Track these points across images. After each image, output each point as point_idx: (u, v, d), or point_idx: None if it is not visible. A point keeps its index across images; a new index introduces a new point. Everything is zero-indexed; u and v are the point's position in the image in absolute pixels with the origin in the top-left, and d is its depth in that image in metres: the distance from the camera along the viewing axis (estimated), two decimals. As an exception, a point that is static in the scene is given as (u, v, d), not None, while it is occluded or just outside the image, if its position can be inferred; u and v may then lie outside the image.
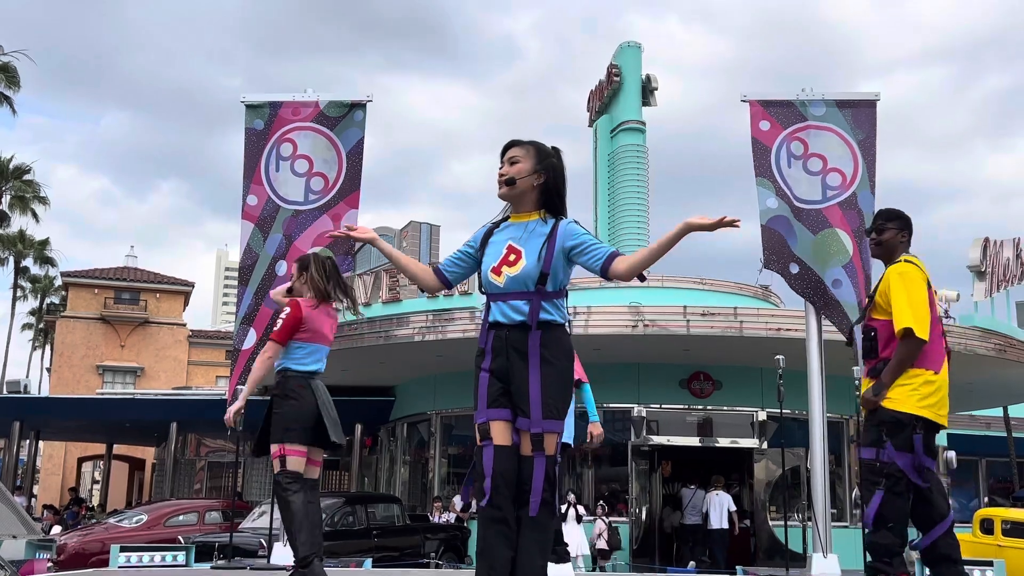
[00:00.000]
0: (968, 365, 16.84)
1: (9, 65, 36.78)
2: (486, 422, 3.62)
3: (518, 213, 3.78)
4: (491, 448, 3.58)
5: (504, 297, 3.67)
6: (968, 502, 26.39)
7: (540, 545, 3.56)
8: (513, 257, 3.68)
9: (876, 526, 4.54)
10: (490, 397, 3.64)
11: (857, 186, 8.05)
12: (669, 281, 20.31)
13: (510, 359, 3.62)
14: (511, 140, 3.82)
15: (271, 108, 8.60)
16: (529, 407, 3.56)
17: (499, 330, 3.66)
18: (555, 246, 3.65)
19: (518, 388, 3.60)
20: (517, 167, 3.72)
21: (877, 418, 4.66)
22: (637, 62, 26.63)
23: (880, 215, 4.97)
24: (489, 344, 3.68)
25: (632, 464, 17.68)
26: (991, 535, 15.70)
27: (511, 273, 3.66)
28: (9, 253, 47.24)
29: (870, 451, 4.66)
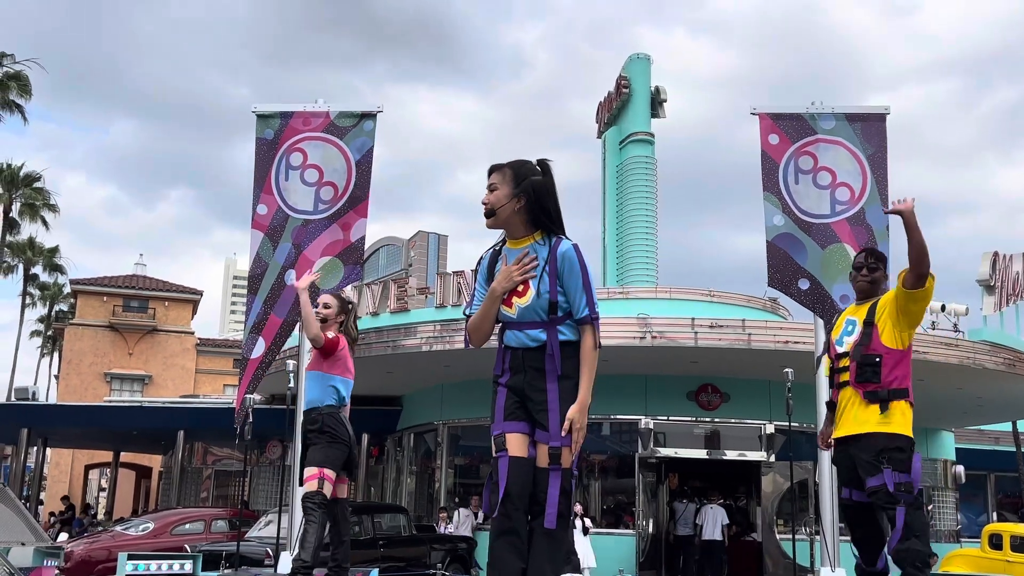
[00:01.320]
0: (977, 380, 16.78)
1: (21, 74, 36.97)
2: (502, 434, 3.63)
3: (514, 239, 3.73)
4: (506, 459, 3.59)
5: (519, 326, 3.68)
6: (977, 517, 26.26)
7: (553, 557, 3.56)
8: (521, 287, 3.65)
9: (905, 537, 4.65)
10: (507, 410, 3.66)
11: (866, 201, 8.04)
12: (677, 293, 20.29)
13: (527, 375, 3.64)
14: (492, 165, 3.76)
15: (282, 118, 8.64)
16: (548, 421, 3.57)
17: (515, 350, 3.68)
18: (555, 275, 3.62)
19: (536, 402, 3.61)
20: (495, 195, 3.66)
21: (876, 445, 4.77)
22: (646, 74, 26.65)
23: (872, 255, 5.17)
24: (507, 363, 3.70)
25: (639, 476, 17.63)
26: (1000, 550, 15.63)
27: (522, 304, 3.66)
28: (19, 260, 47.44)
29: (877, 479, 4.76)
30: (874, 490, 4.75)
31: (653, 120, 26.60)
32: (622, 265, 25.51)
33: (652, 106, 26.53)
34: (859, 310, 5.07)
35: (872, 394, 4.84)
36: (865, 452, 4.80)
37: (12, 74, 36.72)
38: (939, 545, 20.11)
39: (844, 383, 4.98)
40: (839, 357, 5.06)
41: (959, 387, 17.28)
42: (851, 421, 4.90)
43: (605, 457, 18.35)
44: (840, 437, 4.95)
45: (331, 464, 6.04)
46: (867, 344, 4.90)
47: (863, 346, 4.91)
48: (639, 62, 26.93)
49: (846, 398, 4.97)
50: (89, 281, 46.34)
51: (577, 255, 3.65)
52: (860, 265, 5.13)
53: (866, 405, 4.85)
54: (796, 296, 8.02)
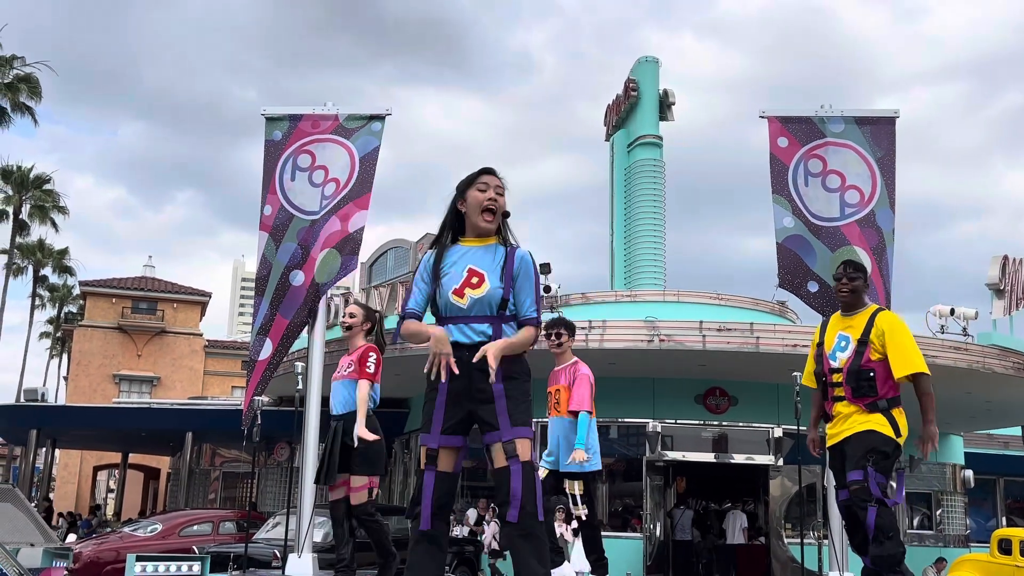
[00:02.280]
0: (986, 384, 16.72)
1: (31, 76, 37.14)
2: (436, 449, 3.64)
3: (476, 238, 3.82)
4: (433, 474, 3.62)
5: (467, 320, 3.69)
6: (986, 522, 26.15)
7: (537, 553, 3.53)
8: (476, 280, 3.71)
9: (877, 539, 4.90)
10: (445, 422, 3.65)
11: (875, 203, 8.02)
12: (685, 296, 20.27)
13: (472, 378, 3.61)
14: (492, 168, 3.86)
15: (290, 120, 8.65)
16: (497, 420, 3.59)
17: (459, 351, 3.63)
18: (512, 273, 3.72)
19: (482, 403, 3.62)
20: (503, 200, 3.80)
21: (868, 443, 5.02)
22: (654, 77, 26.63)
23: (851, 265, 5.41)
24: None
25: (646, 479, 17.61)
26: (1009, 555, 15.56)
27: (475, 295, 3.69)
28: (28, 262, 47.60)
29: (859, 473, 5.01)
30: (854, 483, 5.01)
31: (661, 123, 26.56)
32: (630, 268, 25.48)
33: (660, 109, 26.50)
34: (849, 325, 5.30)
35: (872, 405, 5.11)
36: (856, 447, 5.06)
37: (22, 76, 36.89)
38: (948, 550, 20.04)
39: (839, 397, 5.23)
40: (832, 371, 5.29)
41: (968, 391, 17.22)
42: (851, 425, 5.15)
43: (613, 460, 18.32)
44: (836, 443, 5.23)
45: (378, 471, 6.20)
46: (860, 362, 5.18)
47: (857, 364, 5.18)
48: (647, 65, 26.91)
49: (844, 410, 5.21)
50: (98, 283, 46.47)
51: (533, 262, 3.82)
52: (840, 276, 5.38)
53: (868, 414, 5.13)
54: (806, 298, 8.01)
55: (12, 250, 41.06)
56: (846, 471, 5.10)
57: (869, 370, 5.14)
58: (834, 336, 5.36)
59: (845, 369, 5.20)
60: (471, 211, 3.79)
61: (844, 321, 5.37)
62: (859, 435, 5.09)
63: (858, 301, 5.38)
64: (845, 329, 5.31)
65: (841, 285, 5.37)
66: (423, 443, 3.69)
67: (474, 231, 3.82)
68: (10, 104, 36.62)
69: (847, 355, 5.22)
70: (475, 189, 3.79)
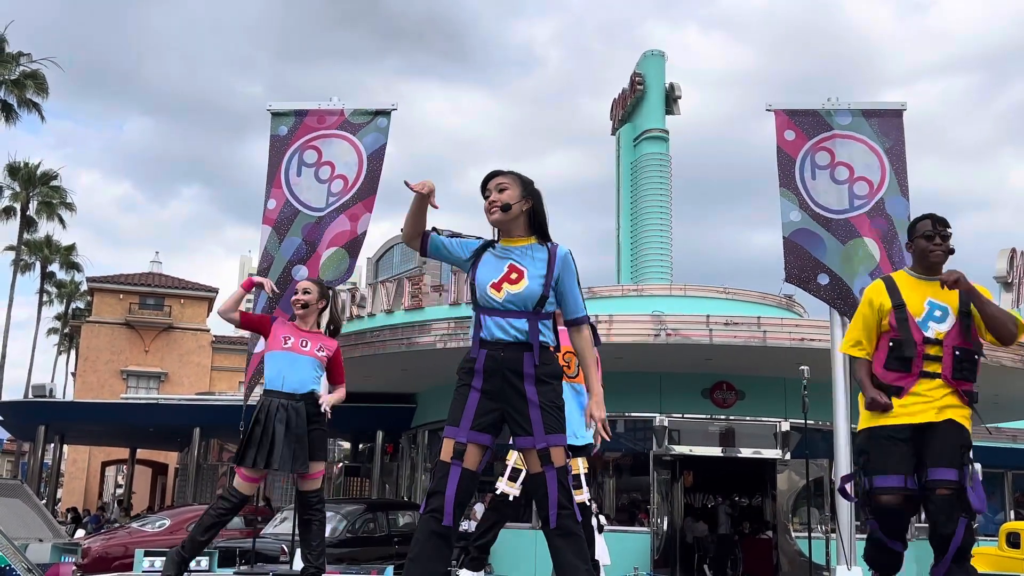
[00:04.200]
0: (994, 377, 16.66)
1: (38, 72, 37.20)
2: (465, 443, 3.63)
3: (511, 238, 3.85)
4: (459, 470, 3.60)
5: (503, 314, 3.70)
6: (994, 516, 26.10)
7: (577, 551, 3.55)
8: (515, 276, 3.73)
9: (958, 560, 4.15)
10: (476, 418, 3.65)
11: (885, 192, 7.98)
12: (692, 290, 20.25)
13: (506, 379, 3.64)
14: (493, 171, 3.90)
15: (296, 116, 8.64)
16: (530, 425, 3.61)
17: (493, 349, 3.67)
18: (554, 271, 3.76)
19: (516, 408, 3.64)
20: (508, 193, 3.81)
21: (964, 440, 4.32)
22: (660, 71, 26.60)
23: (941, 220, 4.60)
24: (481, 363, 3.68)
25: (654, 474, 17.60)
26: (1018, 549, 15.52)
27: (512, 290, 3.71)
28: (36, 258, 47.71)
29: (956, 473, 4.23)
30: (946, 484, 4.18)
31: (667, 117, 26.56)
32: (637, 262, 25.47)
33: (666, 103, 26.49)
34: (938, 290, 4.48)
35: (969, 394, 4.39)
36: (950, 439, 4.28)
37: (29, 73, 36.95)
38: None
39: (932, 374, 4.37)
40: (928, 342, 4.40)
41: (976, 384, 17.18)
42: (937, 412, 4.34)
43: (619, 455, 18.32)
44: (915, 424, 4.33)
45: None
46: (968, 338, 4.41)
47: (965, 340, 4.41)
48: (653, 59, 26.87)
49: (933, 389, 4.36)
50: (105, 279, 46.59)
51: (573, 259, 3.85)
52: (931, 234, 4.52)
53: (961, 405, 4.38)
54: (815, 291, 7.96)
55: (20, 246, 41.15)
56: (927, 464, 4.24)
57: (976, 351, 4.43)
58: (922, 301, 4.46)
59: (948, 344, 4.38)
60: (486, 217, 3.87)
61: (930, 286, 4.49)
62: (957, 427, 4.30)
63: (943, 265, 4.57)
64: (935, 296, 4.46)
65: (934, 245, 4.51)
66: (450, 436, 3.65)
67: (502, 233, 3.88)
68: (16, 100, 36.69)
69: (946, 327, 4.39)
70: (484, 198, 3.87)
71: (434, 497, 3.59)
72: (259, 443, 5.51)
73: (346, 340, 18.21)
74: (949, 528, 4.11)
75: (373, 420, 22.79)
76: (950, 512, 4.13)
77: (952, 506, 4.13)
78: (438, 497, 3.57)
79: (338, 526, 13.88)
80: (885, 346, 4.50)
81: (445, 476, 3.59)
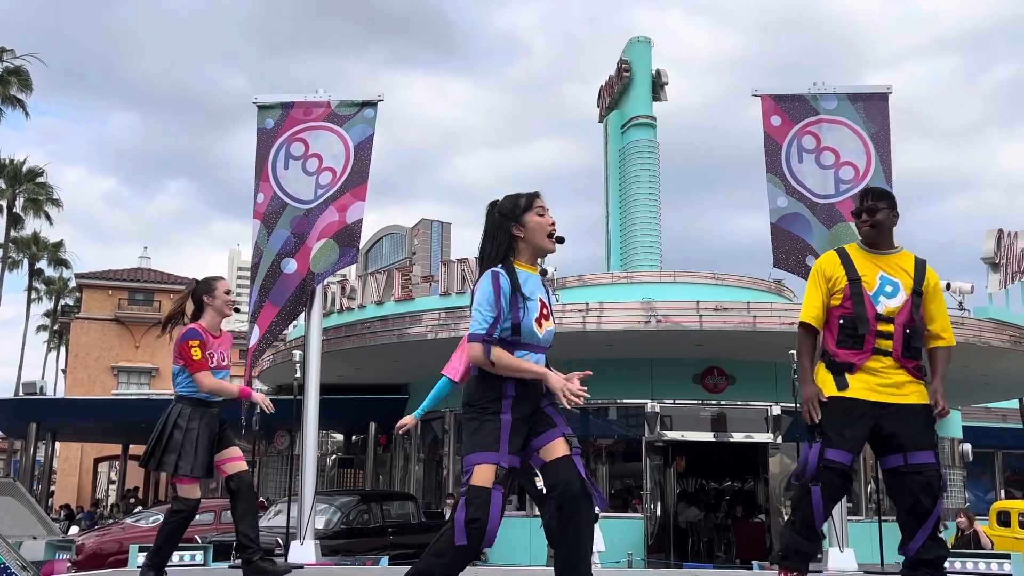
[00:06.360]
0: (983, 357, 16.76)
1: (21, 68, 36.97)
2: (507, 468, 3.64)
3: (525, 264, 3.86)
4: (501, 495, 3.60)
5: (537, 349, 3.79)
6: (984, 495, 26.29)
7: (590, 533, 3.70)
8: (546, 312, 3.85)
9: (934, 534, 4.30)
10: (511, 444, 3.66)
11: (870, 179, 8.01)
12: (682, 276, 20.28)
13: (532, 403, 3.76)
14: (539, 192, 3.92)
15: (283, 108, 8.63)
16: (553, 420, 3.77)
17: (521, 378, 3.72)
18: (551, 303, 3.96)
19: (536, 417, 3.76)
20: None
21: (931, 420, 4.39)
22: (647, 57, 26.58)
23: (870, 194, 4.59)
24: (514, 391, 3.70)
25: (646, 460, 17.66)
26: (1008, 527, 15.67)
27: (548, 328, 3.85)
28: (23, 255, 47.51)
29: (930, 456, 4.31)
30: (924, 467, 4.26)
31: (654, 103, 26.54)
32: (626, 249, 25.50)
33: (653, 89, 26.48)
34: (892, 267, 4.45)
35: (920, 370, 4.39)
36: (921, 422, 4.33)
37: (12, 69, 36.72)
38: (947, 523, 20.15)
39: (884, 351, 4.35)
40: (880, 319, 4.36)
41: (965, 365, 17.26)
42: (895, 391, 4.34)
43: (612, 441, 18.37)
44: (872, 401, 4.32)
45: None
46: (916, 316, 4.40)
47: (913, 318, 4.39)
48: (639, 45, 26.85)
49: (886, 368, 4.35)
50: (94, 275, 46.41)
51: None
52: (858, 211, 4.57)
53: (917, 382, 4.39)
54: (804, 275, 7.99)
55: (7, 244, 40.96)
56: (906, 448, 4.27)
57: (923, 329, 4.43)
58: (875, 276, 4.43)
59: (900, 322, 4.34)
60: (534, 236, 3.80)
61: (880, 260, 4.47)
62: (927, 409, 4.34)
63: (888, 238, 4.54)
64: (888, 271, 4.43)
65: (861, 222, 4.54)
66: (490, 461, 3.60)
67: (531, 257, 3.87)
68: (1, 97, 36.47)
69: (898, 303, 4.35)
70: (534, 213, 3.82)
71: (475, 524, 3.52)
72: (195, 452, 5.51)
73: (337, 332, 18.18)
74: (931, 506, 4.22)
75: (366, 412, 22.79)
76: (932, 492, 4.23)
77: (933, 486, 4.24)
78: (480, 525, 3.52)
79: (332, 518, 13.89)
80: (836, 322, 4.47)
81: (487, 502, 3.54)
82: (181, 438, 5.46)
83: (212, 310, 5.74)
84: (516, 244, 3.81)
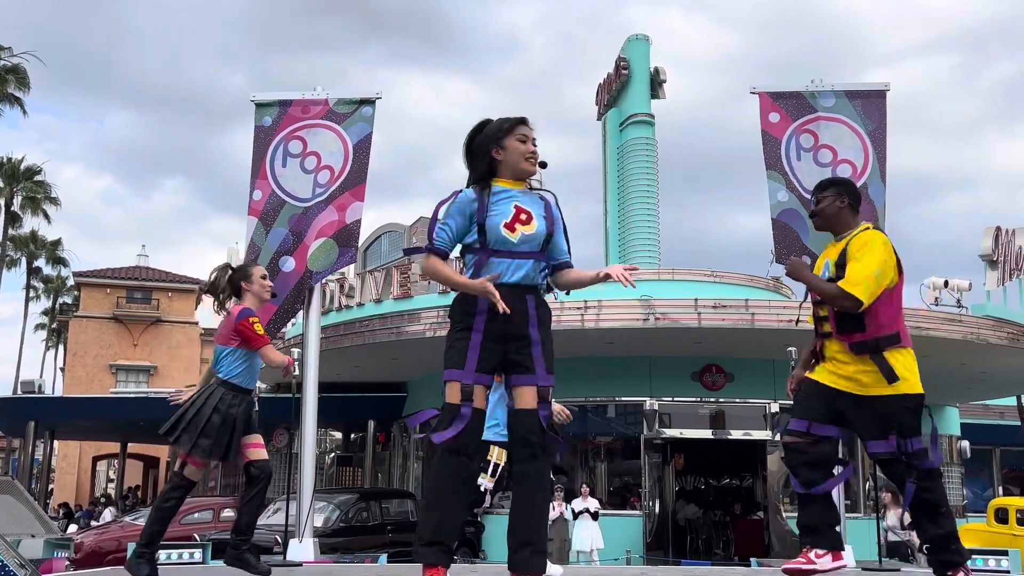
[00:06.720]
0: (981, 354, 16.78)
1: (19, 67, 36.91)
2: (471, 385, 3.66)
3: (507, 179, 3.86)
4: (471, 410, 3.64)
5: (514, 255, 3.74)
6: (982, 491, 26.34)
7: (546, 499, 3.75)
8: (525, 216, 3.77)
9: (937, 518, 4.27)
10: (480, 362, 3.67)
11: (868, 177, 8.01)
12: (680, 274, 20.29)
13: (509, 319, 3.64)
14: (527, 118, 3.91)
15: (280, 106, 8.62)
16: (532, 364, 3.68)
17: (502, 290, 3.64)
18: (552, 215, 3.87)
19: (518, 348, 3.69)
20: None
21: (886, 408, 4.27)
22: (645, 55, 26.57)
23: (819, 186, 4.73)
24: (485, 304, 3.66)
25: (645, 457, 17.68)
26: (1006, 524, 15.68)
27: (526, 231, 3.75)
28: (21, 254, 47.46)
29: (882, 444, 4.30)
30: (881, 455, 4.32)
31: (653, 101, 26.53)
32: (624, 247, 25.50)
33: (651, 87, 26.46)
34: (838, 250, 4.52)
35: (860, 345, 4.32)
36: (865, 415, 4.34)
37: (10, 67, 36.66)
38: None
39: (827, 334, 4.47)
40: (817, 303, 4.55)
41: (963, 362, 17.29)
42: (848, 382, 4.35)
43: (611, 439, 18.39)
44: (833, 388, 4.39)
45: None
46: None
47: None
48: (638, 43, 26.83)
49: (833, 352, 4.44)
50: (92, 273, 46.39)
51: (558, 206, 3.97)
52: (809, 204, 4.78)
53: (854, 358, 4.34)
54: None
55: (5, 242, 40.93)
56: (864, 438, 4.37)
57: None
58: (822, 264, 4.61)
59: None
60: (512, 158, 3.83)
61: (833, 247, 4.61)
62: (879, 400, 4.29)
63: (838, 224, 4.61)
64: (831, 255, 4.55)
65: (811, 214, 4.77)
66: (455, 379, 3.67)
67: (514, 176, 3.87)
68: (-1, 95, 36.44)
69: None
70: (514, 139, 3.83)
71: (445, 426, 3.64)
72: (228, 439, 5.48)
73: (335, 330, 18.18)
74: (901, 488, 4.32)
75: (364, 409, 22.81)
76: (899, 477, 4.30)
77: (896, 472, 4.31)
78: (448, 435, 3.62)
79: (331, 515, 13.90)
80: None
81: (453, 417, 3.64)
82: (219, 423, 5.48)
83: (251, 295, 5.80)
84: (496, 166, 3.85)
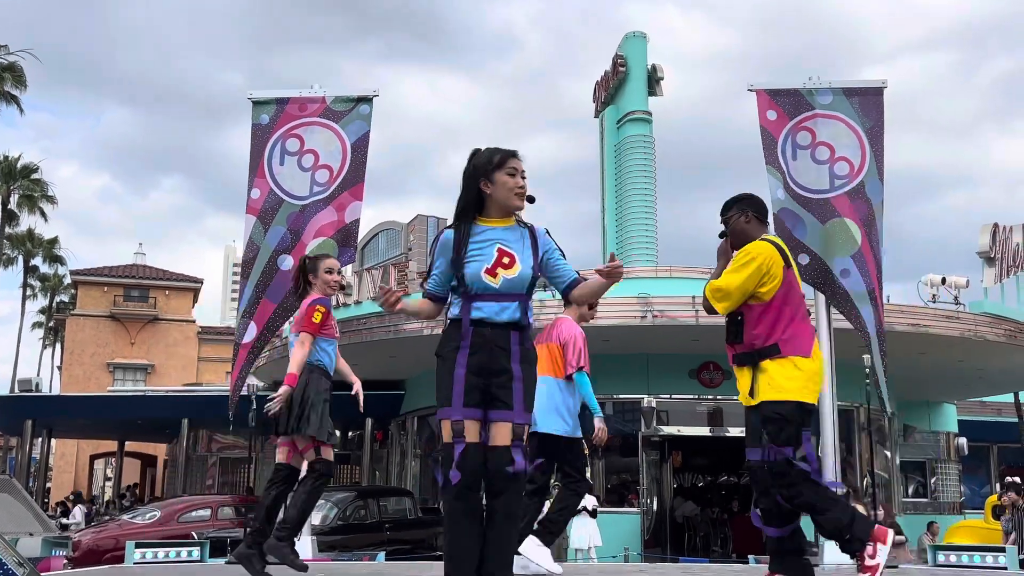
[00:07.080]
0: (978, 351, 16.80)
1: (16, 65, 36.83)
2: (461, 421, 3.69)
3: (493, 218, 3.84)
4: (464, 446, 3.67)
5: (497, 298, 3.74)
6: (980, 488, 26.37)
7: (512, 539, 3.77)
8: (507, 260, 3.76)
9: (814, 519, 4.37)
10: (466, 395, 3.70)
11: (865, 175, 8.01)
12: (677, 271, 20.29)
13: (492, 354, 3.70)
14: (516, 152, 3.88)
15: (277, 104, 8.61)
16: (511, 399, 3.70)
17: (481, 327, 3.73)
18: (539, 253, 3.83)
19: (499, 383, 3.71)
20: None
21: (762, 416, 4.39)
22: (643, 52, 26.55)
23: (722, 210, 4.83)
24: (468, 340, 3.73)
25: (642, 455, 17.69)
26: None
27: (508, 275, 3.75)
28: (18, 252, 47.39)
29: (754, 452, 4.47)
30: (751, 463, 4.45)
31: (650, 99, 26.52)
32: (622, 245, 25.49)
33: (649, 84, 26.44)
34: None
35: (741, 358, 4.49)
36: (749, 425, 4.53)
37: (6, 65, 36.59)
38: (942, 517, 20.21)
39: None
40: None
41: (960, 359, 17.30)
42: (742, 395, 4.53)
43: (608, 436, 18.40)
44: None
45: None
46: None
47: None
48: (635, 40, 26.82)
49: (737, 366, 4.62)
50: (89, 271, 46.35)
51: (550, 235, 3.93)
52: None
53: (738, 369, 4.53)
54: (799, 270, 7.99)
55: (2, 241, 40.87)
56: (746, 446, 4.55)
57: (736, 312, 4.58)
58: None
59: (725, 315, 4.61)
60: (500, 193, 3.81)
61: None
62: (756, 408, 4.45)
63: (746, 238, 4.69)
64: None
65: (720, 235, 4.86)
66: (445, 417, 3.72)
67: (500, 212, 3.85)
68: (-4, 93, 36.36)
69: None
70: (504, 173, 3.81)
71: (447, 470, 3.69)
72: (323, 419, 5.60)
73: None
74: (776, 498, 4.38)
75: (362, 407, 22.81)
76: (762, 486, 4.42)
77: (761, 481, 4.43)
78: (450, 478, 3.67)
79: (329, 513, 13.90)
80: None
81: (449, 457, 3.69)
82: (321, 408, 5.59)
83: (316, 287, 5.87)
84: (484, 200, 3.84)
